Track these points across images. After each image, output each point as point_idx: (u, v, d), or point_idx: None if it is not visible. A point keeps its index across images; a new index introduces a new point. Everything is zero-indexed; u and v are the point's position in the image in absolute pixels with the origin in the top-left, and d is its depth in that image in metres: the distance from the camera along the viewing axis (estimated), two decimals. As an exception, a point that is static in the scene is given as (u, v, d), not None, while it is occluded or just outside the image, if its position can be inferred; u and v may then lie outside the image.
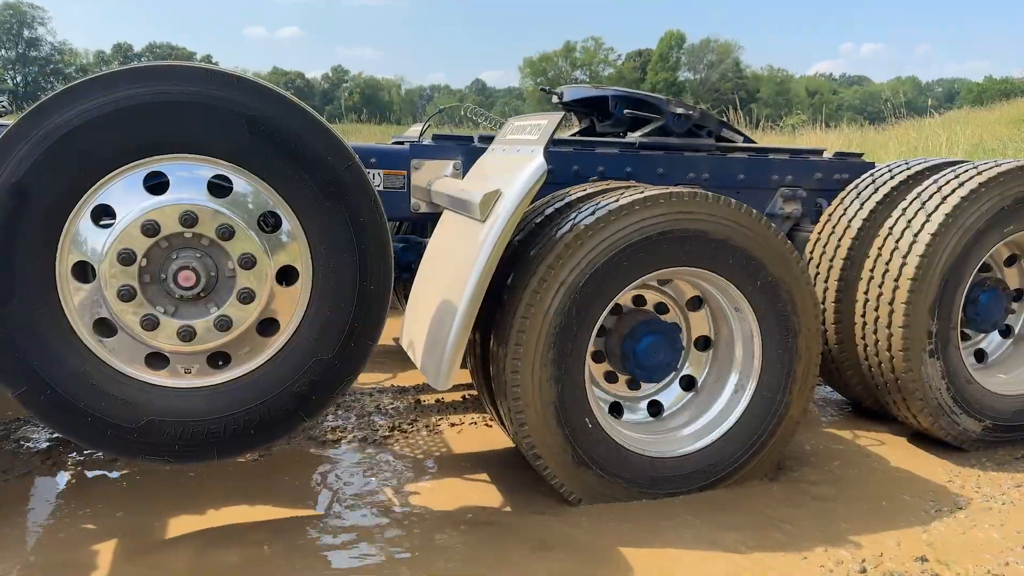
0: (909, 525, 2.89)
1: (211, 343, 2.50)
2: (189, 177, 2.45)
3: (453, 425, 3.85)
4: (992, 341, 4.01)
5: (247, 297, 2.49)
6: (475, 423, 3.89)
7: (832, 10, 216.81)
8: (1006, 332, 3.99)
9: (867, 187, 3.82)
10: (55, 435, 3.51)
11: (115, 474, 3.22)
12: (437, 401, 4.18)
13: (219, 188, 2.48)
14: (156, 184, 2.43)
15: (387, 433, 3.70)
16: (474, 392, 4.26)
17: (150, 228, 2.38)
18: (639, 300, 3.24)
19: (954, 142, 15.88)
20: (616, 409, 3.25)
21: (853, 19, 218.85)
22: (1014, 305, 3.94)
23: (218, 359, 2.56)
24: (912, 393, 3.40)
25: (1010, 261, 3.94)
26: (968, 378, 3.53)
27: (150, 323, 2.42)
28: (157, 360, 2.49)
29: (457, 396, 4.24)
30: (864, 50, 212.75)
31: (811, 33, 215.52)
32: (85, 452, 3.38)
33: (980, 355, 3.91)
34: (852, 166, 4.27)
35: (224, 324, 2.49)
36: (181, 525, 2.81)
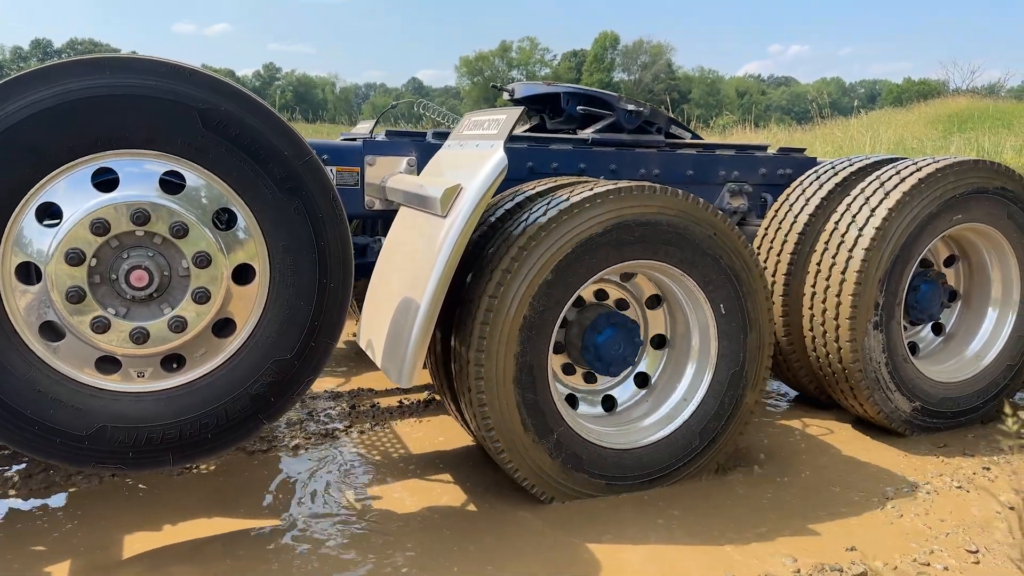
0: (842, 516, 2.97)
1: (165, 345, 2.41)
2: (140, 173, 2.36)
3: (391, 429, 3.78)
4: (925, 337, 4.18)
5: (202, 297, 2.41)
6: (414, 426, 3.84)
7: (761, 12, 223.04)
8: (938, 330, 4.17)
9: (814, 181, 3.94)
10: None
11: (55, 495, 3.05)
12: (372, 406, 4.10)
13: (171, 184, 2.39)
14: (105, 181, 2.32)
15: (322, 439, 3.62)
16: (410, 397, 4.22)
17: (99, 226, 2.28)
18: (601, 295, 3.26)
19: (877, 141, 16.51)
20: (572, 402, 3.27)
21: (781, 21, 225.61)
22: (948, 303, 4.10)
23: (172, 362, 2.47)
24: (853, 364, 3.52)
25: (949, 262, 4.10)
26: (905, 357, 3.67)
27: (101, 325, 2.32)
28: (108, 364, 2.40)
29: (393, 401, 4.18)
30: (791, 51, 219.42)
31: (741, 34, 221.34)
32: (16, 468, 3.18)
33: (913, 349, 4.05)
34: (795, 161, 4.39)
35: (178, 325, 2.40)
36: (125, 541, 2.69)
